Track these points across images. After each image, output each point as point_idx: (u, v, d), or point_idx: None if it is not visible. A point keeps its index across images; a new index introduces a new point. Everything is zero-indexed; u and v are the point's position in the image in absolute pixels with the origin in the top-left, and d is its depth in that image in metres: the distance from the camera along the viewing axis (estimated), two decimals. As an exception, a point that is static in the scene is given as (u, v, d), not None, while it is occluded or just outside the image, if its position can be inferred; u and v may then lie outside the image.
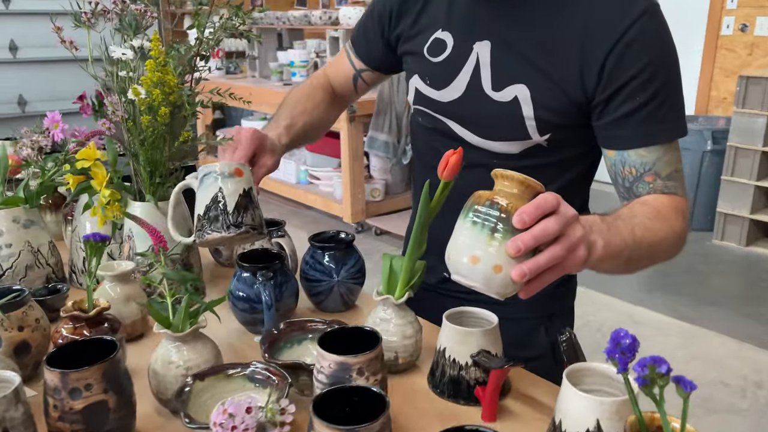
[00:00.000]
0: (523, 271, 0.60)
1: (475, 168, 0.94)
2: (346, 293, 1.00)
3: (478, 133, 0.94)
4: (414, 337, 0.83)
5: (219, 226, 0.85)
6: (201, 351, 0.74)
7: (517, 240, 0.60)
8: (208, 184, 0.87)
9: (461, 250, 0.63)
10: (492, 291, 0.63)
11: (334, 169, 4.00)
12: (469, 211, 0.64)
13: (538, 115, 0.88)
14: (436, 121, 0.98)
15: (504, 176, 0.65)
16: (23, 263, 1.01)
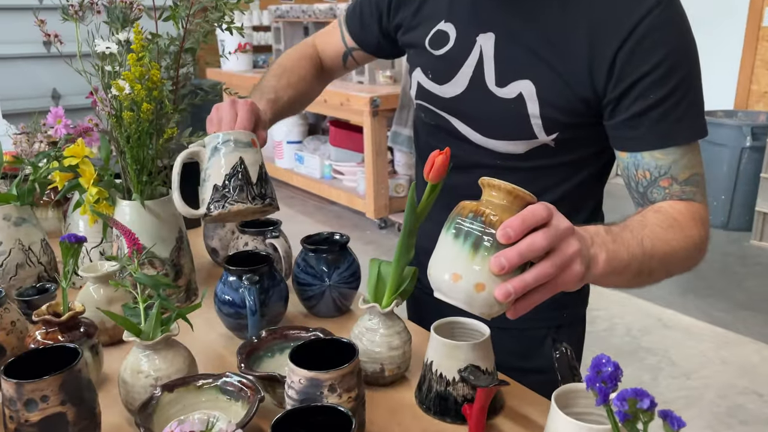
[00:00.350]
0: (507, 291, 0.55)
1: (479, 169, 0.89)
2: (339, 298, 0.96)
3: (481, 132, 0.88)
4: (401, 348, 0.78)
5: (244, 197, 0.82)
6: (172, 360, 0.71)
7: (501, 256, 0.55)
8: (225, 152, 0.83)
9: (442, 266, 0.58)
10: (475, 310, 0.58)
11: (357, 164, 3.97)
12: (452, 223, 0.59)
13: (544, 113, 0.82)
14: (439, 118, 0.93)
15: (491, 185, 0.60)
16: (14, 261, 0.99)
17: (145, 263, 0.95)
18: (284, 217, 1.05)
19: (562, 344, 0.71)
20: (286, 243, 1.04)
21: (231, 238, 1.11)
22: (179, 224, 1.00)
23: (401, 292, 0.78)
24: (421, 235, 1.07)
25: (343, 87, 3.77)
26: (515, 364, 0.89)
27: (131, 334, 0.70)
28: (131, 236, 0.74)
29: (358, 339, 0.78)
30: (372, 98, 3.45)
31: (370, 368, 0.78)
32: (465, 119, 0.90)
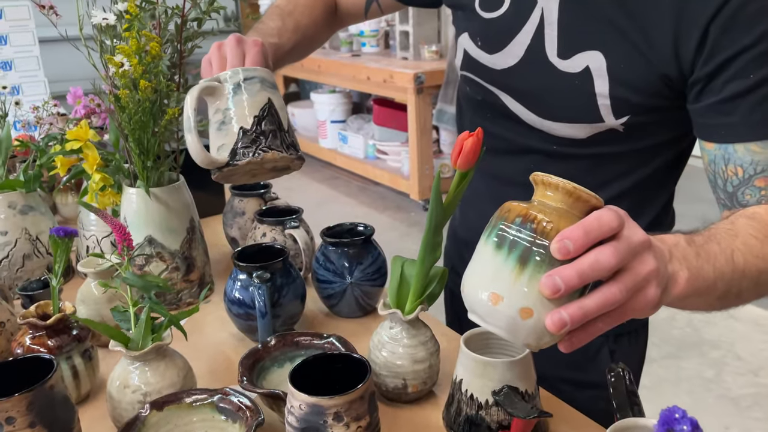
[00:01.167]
0: (562, 320, 0.43)
1: (531, 154, 0.77)
2: (362, 297, 0.86)
3: (536, 111, 0.75)
4: (427, 360, 0.68)
5: (278, 144, 0.71)
6: (164, 373, 0.62)
7: (555, 276, 0.43)
8: (252, 91, 0.72)
9: (479, 282, 0.47)
10: (519, 340, 0.46)
11: (401, 143, 3.84)
12: (494, 229, 0.47)
13: (615, 92, 0.68)
14: (487, 93, 0.79)
15: (546, 184, 0.48)
16: (20, 252, 0.94)
17: (154, 257, 0.88)
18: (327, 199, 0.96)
19: (618, 365, 0.59)
20: (307, 234, 0.95)
21: (251, 227, 1.03)
22: (191, 213, 0.91)
23: (427, 296, 0.68)
24: (463, 226, 0.95)
25: (386, 63, 3.64)
26: (567, 376, 0.78)
27: (117, 343, 0.61)
28: (121, 230, 0.65)
29: (377, 350, 0.68)
30: (416, 74, 3.31)
31: (391, 384, 0.68)
32: (517, 96, 0.76)
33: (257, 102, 0.72)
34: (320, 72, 4.13)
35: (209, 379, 0.74)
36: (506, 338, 0.47)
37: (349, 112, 4.41)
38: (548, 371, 0.69)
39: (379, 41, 4.19)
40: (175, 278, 0.90)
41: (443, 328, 0.84)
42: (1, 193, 0.93)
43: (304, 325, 0.86)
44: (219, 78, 0.73)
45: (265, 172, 0.76)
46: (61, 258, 0.70)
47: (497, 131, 0.79)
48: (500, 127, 0.79)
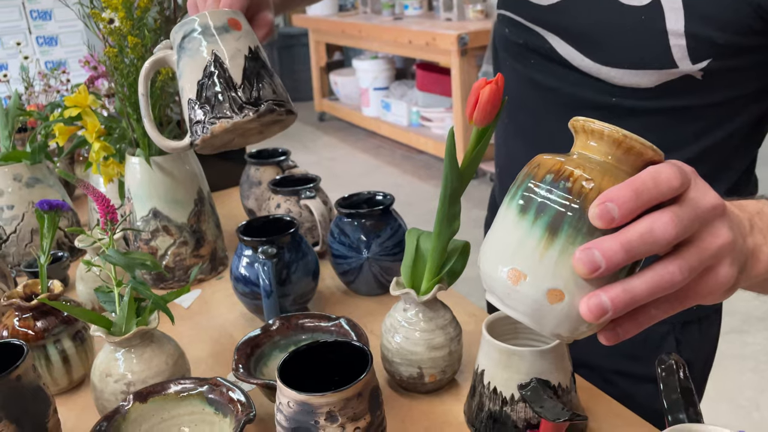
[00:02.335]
0: (601, 306, 0.33)
1: (583, 109, 0.62)
2: (381, 273, 0.77)
3: (591, 56, 0.61)
4: (447, 347, 0.59)
5: (226, 109, 0.58)
6: (150, 360, 0.56)
7: (594, 249, 0.33)
8: (192, 50, 0.59)
9: (497, 256, 0.37)
10: (546, 329, 0.37)
11: (446, 109, 3.71)
12: (518, 189, 0.37)
13: (692, 29, 0.55)
14: (530, 35, 0.66)
15: (587, 131, 0.37)
16: (28, 227, 0.90)
17: (160, 231, 0.82)
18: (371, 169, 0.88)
19: (671, 356, 0.49)
20: (324, 204, 0.87)
21: (266, 197, 0.96)
22: (198, 183, 0.85)
23: (446, 273, 0.59)
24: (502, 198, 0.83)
25: (429, 25, 3.49)
26: (623, 368, 0.68)
27: (99, 328, 0.56)
28: (104, 202, 0.59)
29: (390, 334, 0.60)
30: (459, 35, 3.15)
31: (405, 372, 0.60)
32: (568, 36, 0.62)
33: (199, 62, 0.59)
34: (361, 37, 4.01)
35: (211, 363, 0.69)
36: (530, 326, 0.38)
37: (392, 79, 4.29)
38: (600, 361, 0.59)
39: (422, 2, 4.04)
40: (183, 253, 0.84)
41: (471, 307, 0.75)
42: (6, 165, 0.88)
43: (318, 304, 0.79)
44: (169, 43, 0.62)
45: (249, 133, 0.64)
46: (49, 233, 0.65)
47: (542, 81, 0.66)
48: (546, 76, 0.66)
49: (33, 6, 3.43)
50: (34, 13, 3.46)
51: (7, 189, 0.88)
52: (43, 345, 0.62)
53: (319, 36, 4.61)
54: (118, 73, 0.72)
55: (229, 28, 0.59)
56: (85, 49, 3.45)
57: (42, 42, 3.39)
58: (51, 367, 0.62)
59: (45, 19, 3.41)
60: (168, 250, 0.83)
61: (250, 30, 0.62)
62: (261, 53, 0.62)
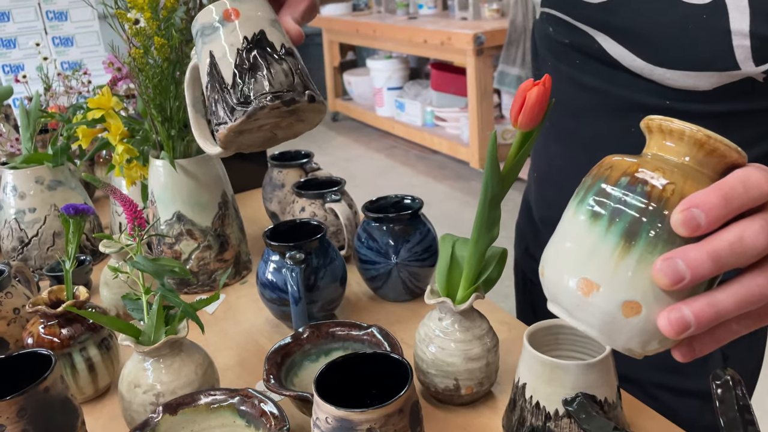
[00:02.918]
0: (683, 321, 0.31)
1: (634, 112, 0.59)
2: (410, 278, 0.76)
3: (645, 56, 0.57)
4: (484, 358, 0.57)
5: (222, 114, 0.52)
6: (180, 370, 0.55)
7: (677, 259, 0.31)
8: (198, 54, 0.55)
9: (566, 265, 0.35)
10: (618, 344, 0.35)
11: (460, 109, 3.68)
12: (588, 192, 0.35)
13: (759, 29, 0.51)
14: (577, 34, 0.62)
15: (665, 131, 0.35)
16: (50, 230, 0.89)
17: (184, 235, 0.81)
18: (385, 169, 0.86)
19: (726, 371, 0.47)
20: (350, 208, 0.85)
21: (290, 200, 0.94)
22: (223, 186, 0.84)
23: (483, 281, 0.57)
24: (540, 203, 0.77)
25: (444, 24, 3.47)
26: (666, 381, 0.65)
27: (127, 337, 0.54)
28: (132, 207, 0.58)
29: (425, 344, 0.58)
30: (476, 35, 3.13)
31: (441, 384, 0.58)
32: (620, 36, 0.58)
33: (204, 66, 0.54)
34: (375, 37, 4.00)
35: (238, 371, 0.67)
36: (598, 339, 0.35)
37: (406, 79, 4.27)
38: (640, 374, 0.57)
39: (436, 2, 4.01)
40: (207, 257, 0.82)
41: (502, 314, 0.73)
42: (28, 168, 0.87)
43: (345, 311, 0.78)
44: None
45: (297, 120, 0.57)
46: (74, 238, 0.64)
47: (589, 82, 0.63)
48: (593, 78, 0.62)
49: (49, 6, 3.44)
50: (50, 13, 3.47)
51: (29, 192, 0.87)
52: (68, 353, 0.60)
53: (333, 36, 4.60)
54: (143, 74, 0.70)
55: (224, 22, 0.53)
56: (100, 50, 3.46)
57: (58, 43, 3.40)
58: (76, 376, 0.61)
59: (61, 20, 3.42)
60: (192, 254, 0.82)
61: (257, 14, 0.54)
62: (265, 39, 0.54)
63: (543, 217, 0.78)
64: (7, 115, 1.64)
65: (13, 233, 0.88)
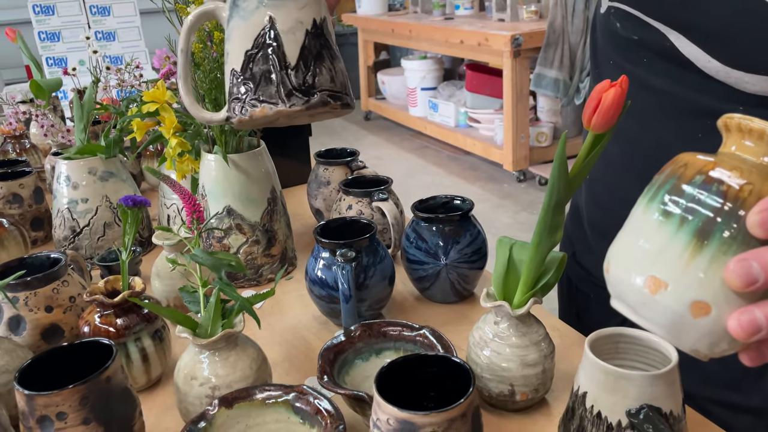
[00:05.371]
0: (754, 323, 0.31)
1: (703, 117, 0.58)
2: (458, 280, 0.75)
3: (721, 57, 0.54)
4: (540, 364, 0.56)
5: (273, 92, 0.50)
6: (235, 364, 0.55)
7: (753, 261, 0.30)
8: (246, 10, 0.50)
9: (633, 262, 0.35)
10: (684, 344, 0.34)
11: (495, 111, 3.65)
12: (660, 190, 0.35)
13: None
14: (648, 31, 0.59)
15: (745, 129, 0.34)
16: (101, 220, 0.90)
17: (233, 229, 0.81)
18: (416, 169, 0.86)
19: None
20: (396, 207, 0.85)
21: (336, 198, 0.94)
22: (272, 182, 0.84)
23: (542, 286, 0.56)
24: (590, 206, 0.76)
25: (480, 26, 3.44)
26: (721, 397, 0.63)
27: (185, 329, 0.54)
28: (191, 201, 0.58)
29: (479, 348, 0.57)
30: (513, 36, 3.10)
31: (495, 389, 0.57)
32: (695, 35, 0.55)
33: (251, 27, 0.50)
34: (411, 37, 3.99)
35: (287, 367, 0.67)
36: (664, 338, 0.35)
37: (440, 79, 4.25)
38: (695, 388, 0.55)
39: (473, 2, 3.99)
40: (255, 252, 0.83)
41: (553, 320, 0.72)
42: (82, 158, 0.89)
43: (392, 310, 0.77)
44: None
45: (307, 116, 0.56)
46: (131, 229, 0.64)
47: (655, 83, 0.61)
48: (660, 78, 0.60)
49: (93, 1, 3.51)
50: (94, 8, 3.54)
51: (81, 182, 0.89)
52: (123, 343, 0.61)
53: (368, 35, 4.61)
54: (200, 69, 0.71)
55: None
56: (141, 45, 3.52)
57: (101, 37, 3.46)
58: (131, 366, 0.61)
59: (104, 15, 3.49)
60: (240, 249, 0.82)
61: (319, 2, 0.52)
62: (326, 28, 0.52)
63: (593, 221, 0.76)
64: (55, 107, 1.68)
65: (66, 222, 0.89)
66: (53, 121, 1.11)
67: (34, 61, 1.54)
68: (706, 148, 0.38)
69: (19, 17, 3.88)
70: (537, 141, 3.47)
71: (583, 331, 0.73)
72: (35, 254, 0.70)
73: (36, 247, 1.00)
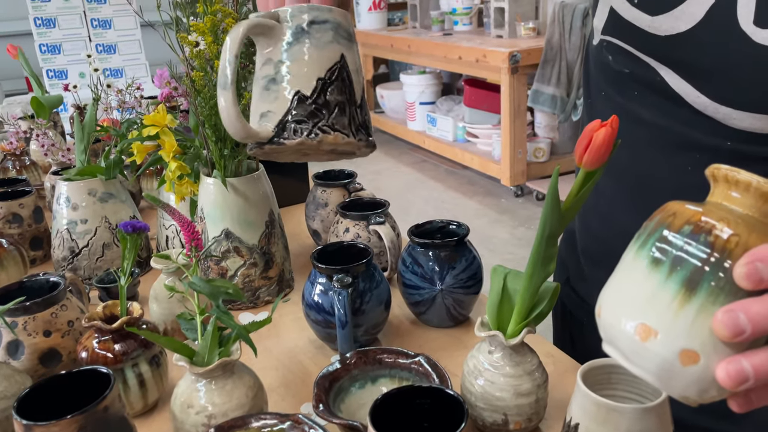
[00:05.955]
0: (742, 373, 0.31)
1: (691, 151, 0.59)
2: (454, 305, 0.75)
3: (710, 94, 0.55)
4: (534, 394, 0.57)
5: (345, 124, 0.52)
6: (232, 392, 0.55)
7: (739, 312, 0.31)
8: (320, 42, 0.52)
9: (624, 308, 0.35)
10: (674, 391, 0.35)
11: (493, 126, 3.67)
12: (650, 238, 0.35)
13: None
14: (639, 65, 0.60)
15: (731, 181, 0.35)
16: (100, 241, 0.91)
17: (231, 252, 0.82)
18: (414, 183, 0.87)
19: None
20: (393, 230, 0.86)
21: (333, 220, 0.95)
22: (270, 205, 0.85)
23: (535, 316, 0.57)
24: (583, 232, 0.76)
25: (479, 42, 3.47)
26: (713, 427, 0.63)
27: (182, 357, 0.55)
28: (190, 228, 0.59)
29: (473, 377, 0.58)
30: (511, 53, 3.12)
31: (489, 418, 0.57)
32: (685, 71, 0.56)
33: (325, 58, 0.52)
34: (410, 52, 4.02)
35: (283, 393, 0.67)
36: (654, 384, 0.36)
37: (438, 94, 4.28)
38: (686, 417, 0.56)
39: (472, 19, 4.02)
40: (252, 275, 0.83)
41: (548, 346, 0.73)
42: (82, 180, 0.90)
43: (388, 335, 0.78)
44: (277, 15, 0.53)
45: (321, 153, 0.58)
46: (130, 255, 0.65)
47: (646, 116, 0.62)
48: (651, 111, 0.61)
49: (94, 15, 3.53)
50: (95, 21, 3.56)
51: (81, 203, 0.89)
52: (121, 369, 0.62)
53: (368, 50, 4.64)
54: (201, 95, 0.72)
55: (353, 38, 0.54)
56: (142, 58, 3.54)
57: (101, 50, 3.48)
58: (128, 391, 0.62)
59: (105, 28, 3.51)
60: (238, 271, 0.83)
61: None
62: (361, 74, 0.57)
63: (585, 248, 0.77)
64: (55, 122, 1.69)
65: (65, 243, 0.90)
66: (53, 139, 1.12)
67: (35, 77, 1.56)
68: (696, 180, 0.39)
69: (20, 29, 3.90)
70: (534, 156, 3.49)
71: (577, 356, 0.74)
72: (34, 277, 0.71)
73: (35, 267, 1.00)
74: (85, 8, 3.51)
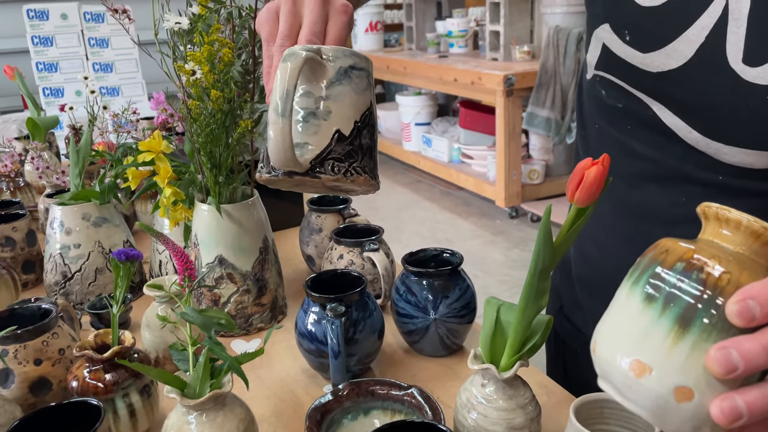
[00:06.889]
0: (735, 410, 0.32)
1: (684, 184, 0.60)
2: (447, 335, 0.75)
3: (701, 129, 0.56)
4: (527, 428, 0.57)
5: (371, 165, 0.56)
6: (223, 425, 0.55)
7: (732, 349, 0.32)
8: (359, 87, 0.54)
9: (618, 345, 0.36)
10: (668, 427, 0.35)
11: (488, 147, 3.70)
12: (643, 274, 0.36)
13: None
14: (631, 101, 0.61)
15: (721, 219, 0.36)
16: (93, 266, 0.90)
17: (224, 278, 0.82)
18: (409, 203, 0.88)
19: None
20: (387, 257, 0.86)
21: (327, 246, 0.95)
22: (264, 231, 0.85)
23: (529, 349, 0.57)
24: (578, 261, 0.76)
25: (474, 64, 3.51)
26: None
27: (173, 389, 0.55)
28: (183, 258, 0.59)
29: (466, 410, 0.58)
30: (506, 76, 3.16)
31: (481, 452, 0.57)
32: (677, 107, 0.57)
33: (361, 103, 0.54)
34: (406, 74, 4.05)
35: (275, 423, 0.67)
36: (649, 420, 0.36)
37: (434, 115, 4.31)
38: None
39: (467, 41, 4.07)
40: (245, 301, 0.83)
41: (541, 377, 0.73)
42: (76, 204, 0.90)
43: (381, 364, 0.77)
44: (321, 52, 0.53)
45: (325, 187, 0.59)
46: (123, 283, 0.65)
47: (639, 149, 0.63)
48: (645, 145, 0.62)
49: (92, 33, 3.56)
50: (92, 40, 3.59)
51: (75, 228, 0.89)
52: (111, 398, 0.61)
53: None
54: (197, 123, 0.72)
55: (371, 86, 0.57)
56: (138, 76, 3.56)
57: (98, 69, 3.50)
58: (118, 422, 0.61)
59: (102, 47, 3.53)
60: (231, 298, 0.82)
61: None
62: None
63: (580, 276, 0.78)
64: (50, 142, 1.69)
65: (57, 267, 0.90)
66: (48, 162, 1.12)
67: (32, 98, 1.56)
68: (690, 212, 0.40)
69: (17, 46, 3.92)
70: (529, 178, 3.51)
71: (570, 385, 0.74)
72: (26, 303, 0.71)
73: (27, 291, 1.00)
74: (83, 27, 3.53)
